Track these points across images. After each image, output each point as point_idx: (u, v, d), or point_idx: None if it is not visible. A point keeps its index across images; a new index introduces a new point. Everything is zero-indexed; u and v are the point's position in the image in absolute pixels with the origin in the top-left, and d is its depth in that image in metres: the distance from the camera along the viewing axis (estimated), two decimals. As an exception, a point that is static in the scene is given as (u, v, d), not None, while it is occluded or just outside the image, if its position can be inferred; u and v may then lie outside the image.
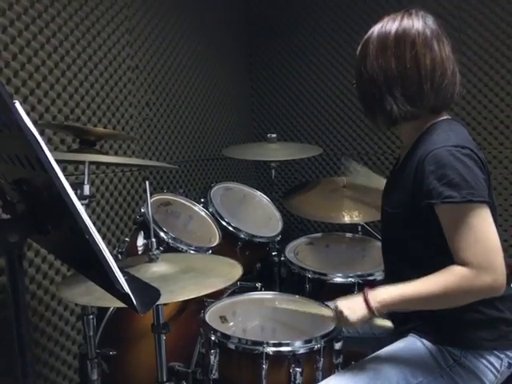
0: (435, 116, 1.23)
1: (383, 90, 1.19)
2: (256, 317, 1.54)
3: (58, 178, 0.58)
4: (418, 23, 1.20)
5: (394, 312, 1.33)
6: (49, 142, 1.87)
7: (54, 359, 1.91)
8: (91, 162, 1.33)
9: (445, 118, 1.24)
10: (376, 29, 1.24)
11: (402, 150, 1.32)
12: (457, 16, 2.50)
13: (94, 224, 0.64)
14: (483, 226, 1.07)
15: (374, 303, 1.13)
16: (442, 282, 1.07)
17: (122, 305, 0.70)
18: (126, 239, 1.84)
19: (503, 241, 1.12)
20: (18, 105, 0.56)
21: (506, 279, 1.05)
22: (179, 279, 1.14)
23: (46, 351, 1.88)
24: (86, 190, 1.29)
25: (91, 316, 1.46)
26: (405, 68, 1.17)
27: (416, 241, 1.21)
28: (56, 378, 1.91)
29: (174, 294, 1.04)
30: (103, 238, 2.06)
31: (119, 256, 1.78)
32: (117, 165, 2.03)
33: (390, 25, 1.21)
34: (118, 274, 0.65)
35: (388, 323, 1.18)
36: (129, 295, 0.64)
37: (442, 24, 1.24)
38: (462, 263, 1.06)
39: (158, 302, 1.01)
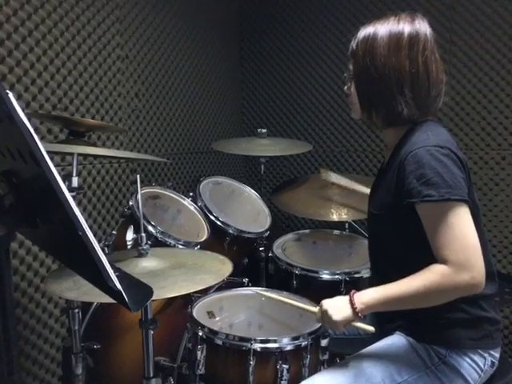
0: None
1: (394, 90, 1.19)
2: (243, 312, 1.55)
3: (52, 173, 0.57)
4: (425, 28, 1.20)
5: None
6: (35, 131, 1.82)
7: (36, 352, 1.88)
8: (80, 154, 1.31)
9: (425, 119, 1.24)
10: (381, 26, 1.21)
11: (387, 152, 1.33)
12: (448, 16, 2.52)
13: (81, 216, 0.63)
14: (461, 223, 1.08)
15: (358, 304, 1.14)
16: (423, 281, 1.08)
17: (110, 300, 0.69)
18: (113, 232, 1.82)
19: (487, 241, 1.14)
20: (11, 96, 0.54)
21: (484, 277, 1.06)
22: (169, 275, 1.13)
23: (28, 344, 1.85)
24: (75, 182, 1.27)
25: (76, 310, 1.44)
26: (417, 71, 1.18)
27: (401, 241, 1.22)
28: (38, 371, 1.89)
29: (164, 290, 1.03)
30: (89, 229, 2.03)
31: (106, 249, 1.76)
32: (106, 157, 2.00)
33: (401, 25, 1.19)
34: (110, 272, 0.64)
35: (371, 328, 1.19)
36: (121, 293, 0.63)
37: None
38: (442, 261, 1.08)
39: (148, 299, 0.99)
